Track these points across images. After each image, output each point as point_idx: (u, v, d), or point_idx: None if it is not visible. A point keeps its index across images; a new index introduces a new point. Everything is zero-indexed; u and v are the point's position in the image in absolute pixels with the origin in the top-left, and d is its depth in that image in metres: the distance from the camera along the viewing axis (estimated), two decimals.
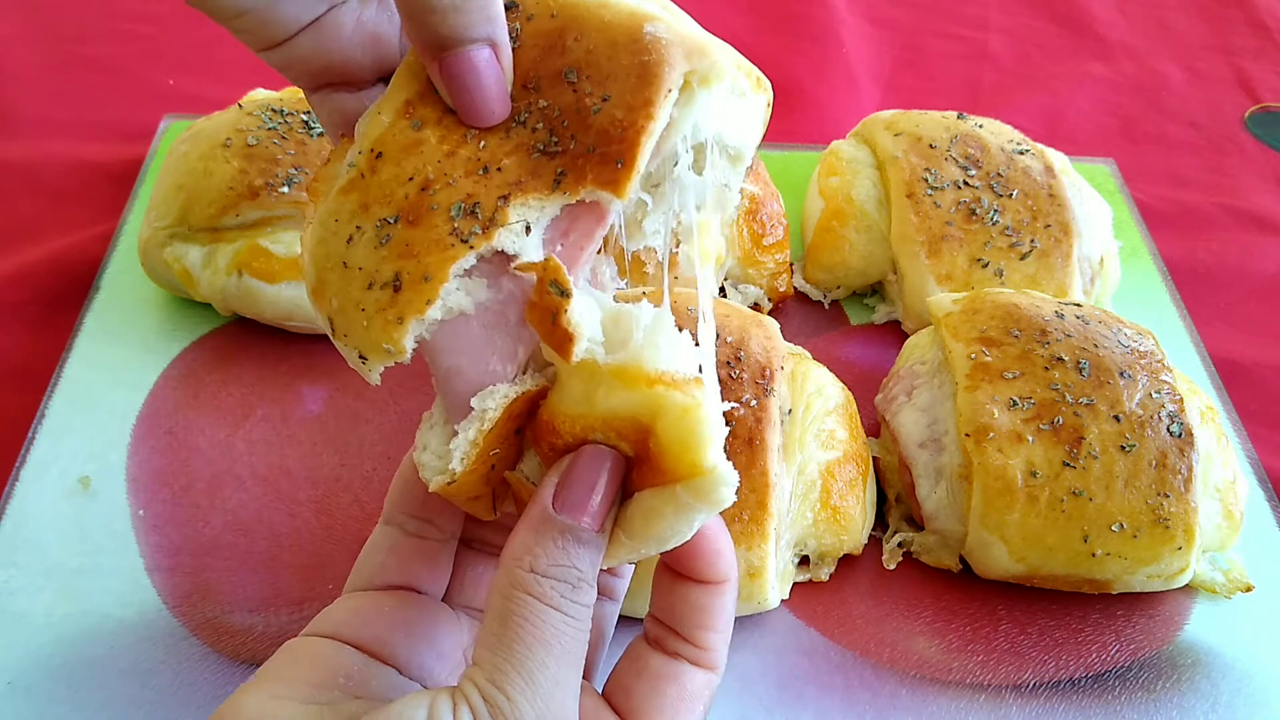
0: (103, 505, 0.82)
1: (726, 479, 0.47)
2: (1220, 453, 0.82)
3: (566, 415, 0.50)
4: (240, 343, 0.95)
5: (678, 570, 0.53)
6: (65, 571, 0.78)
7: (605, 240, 0.53)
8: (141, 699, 0.72)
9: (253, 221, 0.92)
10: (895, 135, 1.01)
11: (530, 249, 0.49)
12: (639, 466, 0.49)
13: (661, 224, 0.54)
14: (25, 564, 0.78)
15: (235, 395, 0.91)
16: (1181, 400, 0.79)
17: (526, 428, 0.52)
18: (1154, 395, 0.79)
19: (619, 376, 0.48)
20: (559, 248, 0.50)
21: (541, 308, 0.48)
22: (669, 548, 0.50)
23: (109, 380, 0.91)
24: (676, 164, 0.52)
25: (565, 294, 0.48)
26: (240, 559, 0.80)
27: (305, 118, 0.96)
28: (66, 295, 0.99)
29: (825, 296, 1.04)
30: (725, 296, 0.99)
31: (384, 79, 0.61)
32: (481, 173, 0.50)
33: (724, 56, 0.50)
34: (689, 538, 0.50)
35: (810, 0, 1.45)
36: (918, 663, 0.77)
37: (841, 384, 0.85)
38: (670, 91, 0.49)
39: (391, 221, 0.49)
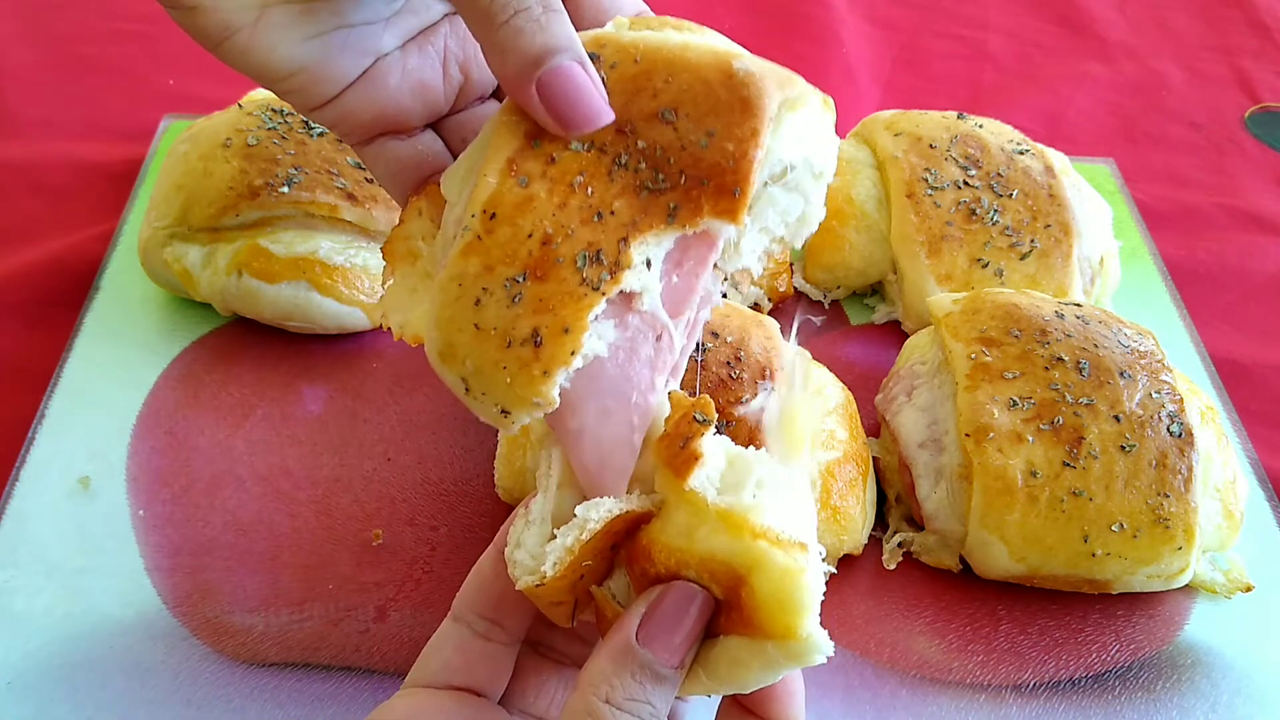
0: (103, 505, 0.82)
1: (820, 647, 0.48)
2: (1220, 453, 0.82)
3: (665, 545, 0.51)
4: (240, 343, 0.95)
5: (747, 706, 0.53)
6: (65, 571, 0.78)
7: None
8: (141, 699, 0.72)
9: (253, 221, 0.92)
10: (895, 135, 1.01)
11: (651, 284, 0.52)
12: (728, 612, 0.50)
13: (758, 244, 0.57)
14: (25, 564, 0.78)
15: (235, 395, 0.91)
16: (1181, 400, 0.79)
17: (623, 546, 0.53)
18: (1154, 395, 0.79)
19: (725, 520, 0.49)
20: (675, 279, 0.53)
21: (675, 436, 0.51)
22: (747, 692, 0.51)
23: (109, 380, 0.91)
24: (767, 184, 0.54)
25: (707, 422, 0.51)
26: (240, 559, 0.80)
27: (305, 118, 0.96)
28: (66, 295, 0.99)
29: (825, 296, 1.04)
30: (725, 297, 0.99)
31: (431, 124, 0.62)
32: (596, 219, 0.51)
33: (806, 84, 0.54)
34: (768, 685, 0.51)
35: (810, 0, 1.45)
36: (918, 663, 0.77)
37: (841, 384, 0.86)
38: (772, 120, 0.52)
39: (520, 280, 0.51)
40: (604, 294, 0.50)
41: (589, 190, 0.52)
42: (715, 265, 0.56)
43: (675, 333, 0.53)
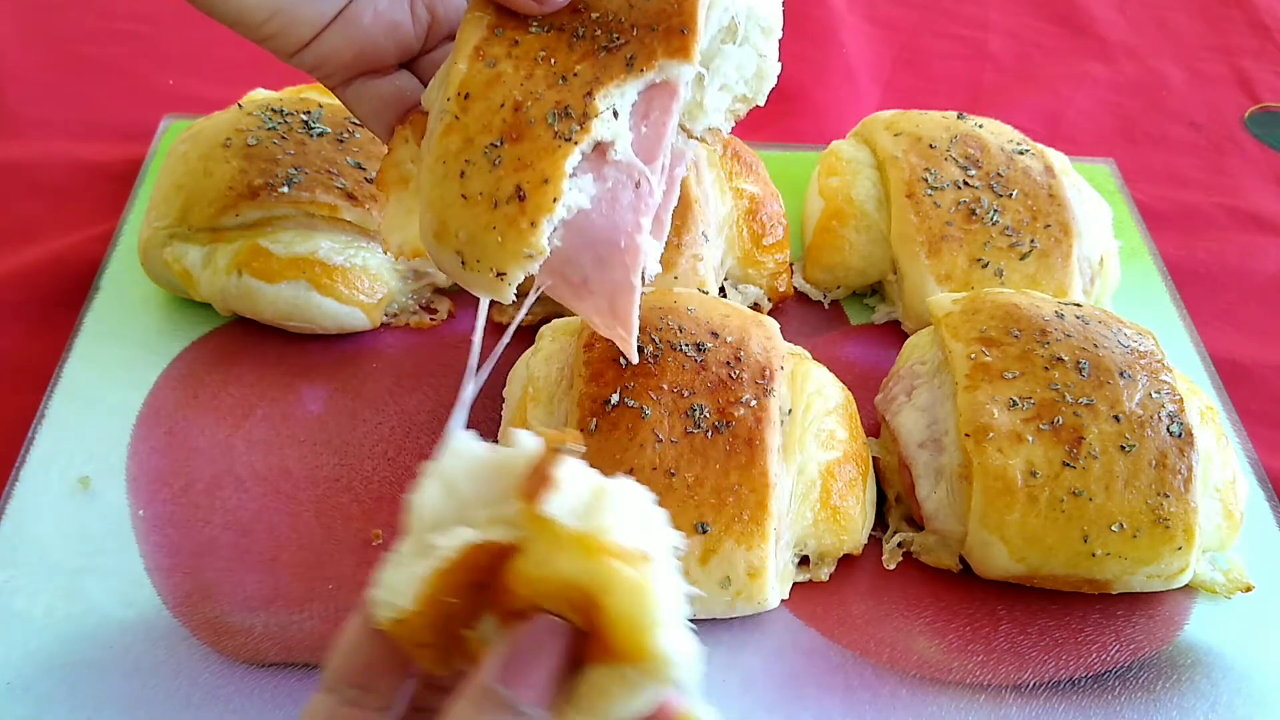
0: (103, 505, 0.82)
1: (674, 662, 0.46)
2: (1220, 453, 0.82)
3: (525, 577, 0.48)
4: (240, 343, 0.95)
5: None
6: (65, 571, 0.78)
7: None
8: (141, 699, 0.72)
9: (252, 221, 0.92)
10: (895, 135, 1.01)
11: (621, 132, 0.56)
12: (592, 641, 0.47)
13: (721, 101, 0.62)
14: (25, 564, 0.78)
15: (235, 395, 0.91)
16: (1181, 400, 0.79)
17: (490, 585, 0.50)
18: (1154, 395, 0.79)
19: (578, 543, 0.46)
20: (644, 129, 0.57)
21: (541, 473, 0.48)
22: None
23: (109, 380, 0.91)
24: (723, 42, 0.59)
25: (572, 451, 0.48)
26: (240, 559, 0.80)
27: (305, 118, 0.96)
28: (66, 295, 0.99)
29: (825, 296, 1.04)
30: (725, 296, 0.99)
31: (405, 63, 0.67)
32: (561, 82, 0.55)
33: None
34: (647, 714, 0.48)
35: (810, 0, 1.45)
36: (918, 663, 0.77)
37: (841, 384, 0.86)
38: None
39: (498, 144, 0.54)
40: (576, 143, 0.54)
41: (552, 61, 0.56)
42: (683, 126, 0.60)
43: (653, 178, 0.57)
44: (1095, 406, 0.78)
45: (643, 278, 0.58)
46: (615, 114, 0.55)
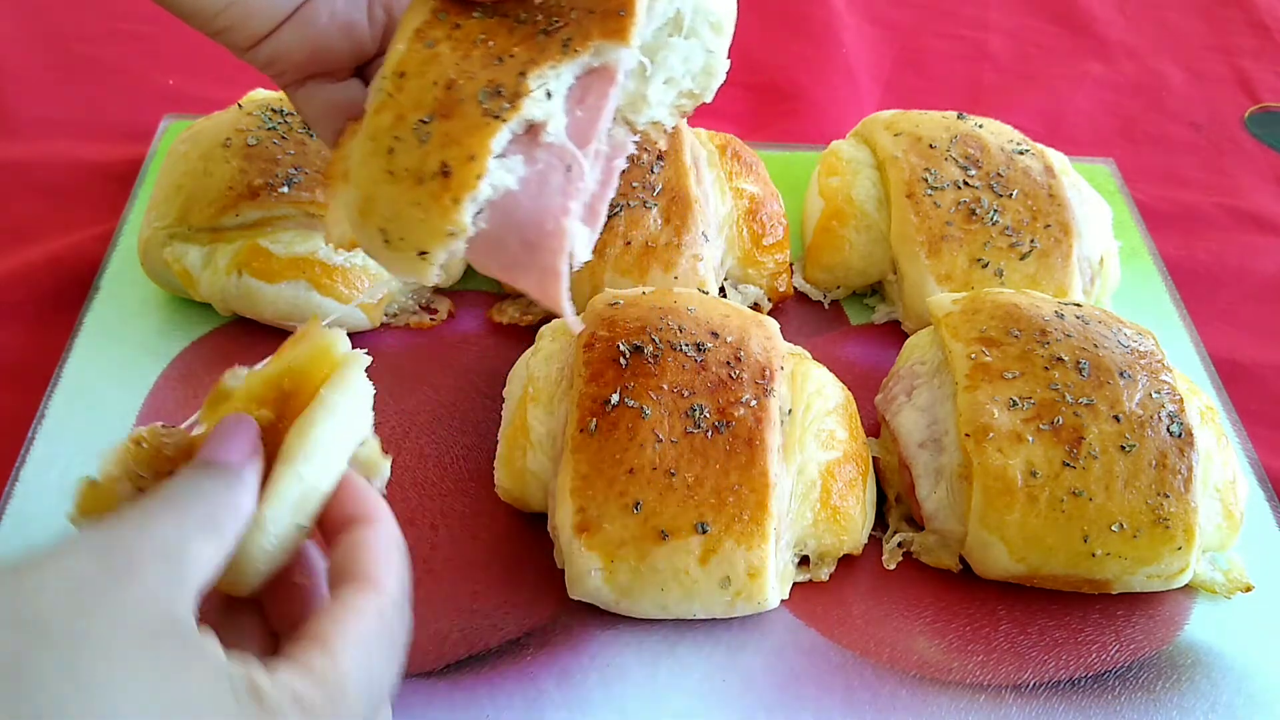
0: None
1: (358, 357, 0.57)
2: (1220, 453, 0.82)
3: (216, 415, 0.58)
4: (240, 343, 0.95)
5: (335, 528, 0.55)
6: None
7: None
8: None
9: (253, 221, 0.92)
10: (895, 135, 1.01)
11: (554, 113, 0.55)
12: (279, 431, 0.56)
13: (665, 95, 0.61)
14: None
15: None
16: (1181, 400, 0.79)
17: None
18: (1154, 395, 0.79)
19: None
20: (579, 113, 0.56)
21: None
22: (326, 479, 0.56)
23: (109, 380, 0.91)
24: (670, 35, 0.59)
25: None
26: None
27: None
28: (66, 295, 0.99)
29: (825, 296, 1.04)
30: (725, 296, 0.99)
31: (359, 69, 0.66)
32: (497, 62, 0.55)
33: None
34: (340, 467, 0.56)
35: (810, 0, 1.45)
36: (918, 663, 0.77)
37: (841, 384, 0.85)
38: None
39: (427, 121, 0.54)
40: (504, 120, 0.53)
41: (490, 43, 0.55)
42: (627, 118, 0.60)
43: (585, 162, 0.56)
44: (1095, 406, 0.78)
45: (571, 263, 0.57)
46: (549, 95, 0.55)
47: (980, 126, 1.02)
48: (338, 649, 0.49)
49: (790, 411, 0.80)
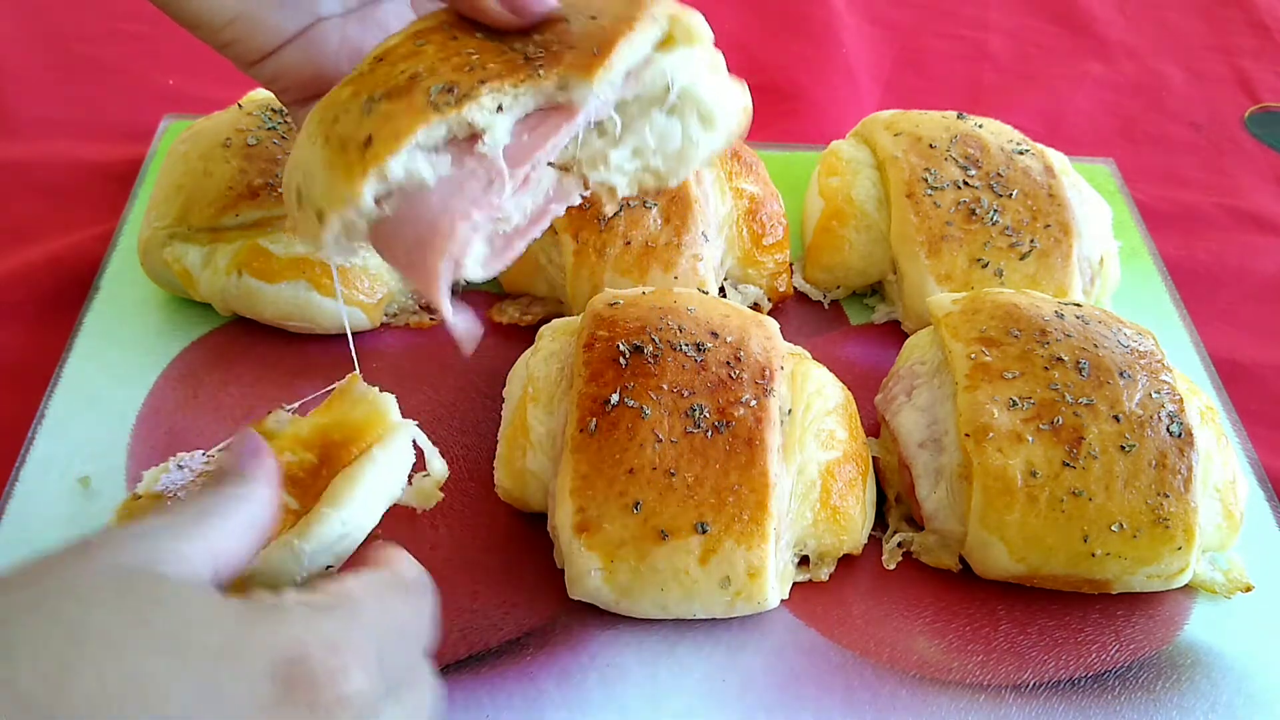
0: (103, 505, 0.82)
1: (408, 425, 0.64)
2: (1220, 453, 0.82)
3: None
4: (240, 343, 0.95)
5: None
6: None
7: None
8: None
9: (253, 221, 0.92)
10: (895, 135, 1.01)
11: (499, 128, 0.54)
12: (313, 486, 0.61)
13: (629, 163, 0.59)
14: None
15: (235, 395, 0.91)
16: (1181, 400, 0.79)
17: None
18: (1154, 395, 0.79)
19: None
20: (525, 138, 0.55)
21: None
22: (363, 527, 0.62)
23: (109, 380, 0.91)
24: (656, 109, 0.58)
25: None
26: None
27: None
28: (66, 295, 0.99)
29: (825, 296, 1.04)
30: (725, 296, 0.99)
31: None
32: (468, 70, 0.54)
33: (707, 27, 0.58)
34: (375, 520, 0.62)
35: (810, 0, 1.45)
36: (918, 663, 0.77)
37: (841, 384, 0.85)
38: (654, 19, 0.56)
39: (376, 98, 0.54)
40: (442, 114, 0.53)
41: (474, 57, 0.55)
42: (581, 169, 0.58)
43: (509, 183, 0.55)
44: (1095, 406, 0.78)
45: (458, 274, 0.56)
46: (500, 108, 0.54)
47: (980, 126, 1.02)
48: (346, 578, 0.50)
49: (790, 411, 0.80)
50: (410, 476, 0.68)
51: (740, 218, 0.99)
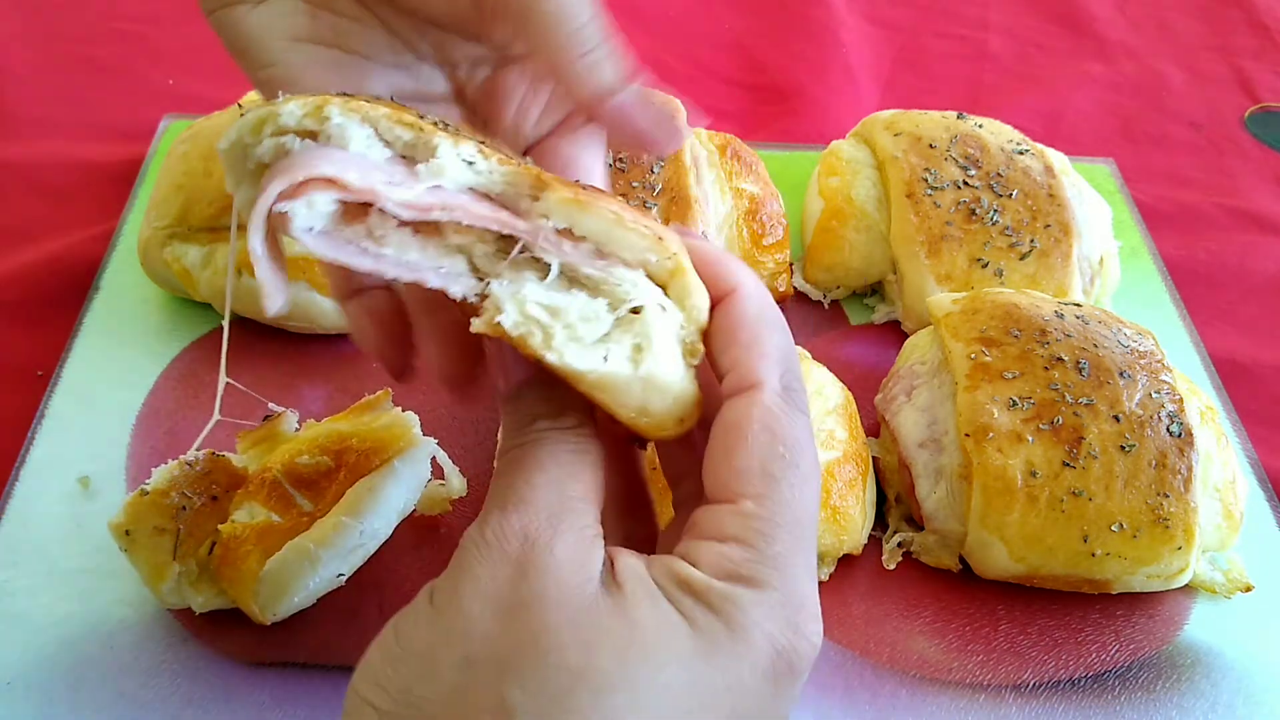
0: (103, 505, 0.82)
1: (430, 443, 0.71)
2: (1220, 453, 0.82)
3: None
4: (240, 343, 0.95)
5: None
6: (65, 571, 0.78)
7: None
8: (142, 699, 0.72)
9: None
10: (895, 135, 1.01)
11: (451, 162, 0.47)
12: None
13: (538, 306, 0.48)
14: (25, 564, 0.78)
15: (235, 395, 0.91)
16: (1181, 400, 0.79)
17: None
18: (1154, 395, 0.79)
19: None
20: (448, 205, 0.47)
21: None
22: (378, 535, 0.68)
23: (109, 380, 0.91)
24: (602, 297, 0.49)
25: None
26: None
27: None
28: (66, 295, 0.99)
29: (825, 296, 1.04)
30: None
31: None
32: (510, 154, 0.51)
33: (706, 312, 0.50)
34: (387, 533, 0.68)
35: (810, 0, 1.45)
36: (918, 663, 0.77)
37: (841, 384, 0.85)
38: (654, 244, 0.49)
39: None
40: (408, 115, 0.48)
41: (484, 141, 0.50)
42: (486, 278, 0.49)
43: (384, 207, 0.46)
44: (1095, 406, 0.78)
45: (287, 221, 0.46)
46: (469, 163, 0.48)
47: (980, 126, 1.02)
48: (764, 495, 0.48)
49: None
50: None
51: (740, 218, 0.99)
